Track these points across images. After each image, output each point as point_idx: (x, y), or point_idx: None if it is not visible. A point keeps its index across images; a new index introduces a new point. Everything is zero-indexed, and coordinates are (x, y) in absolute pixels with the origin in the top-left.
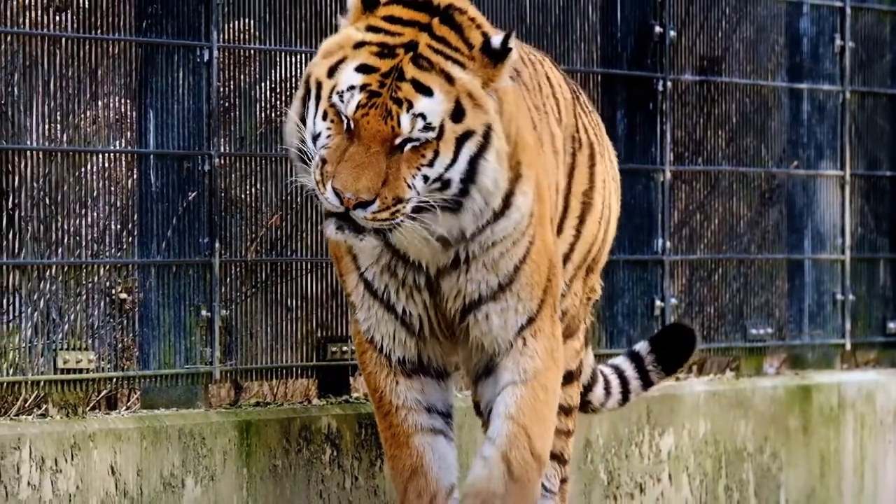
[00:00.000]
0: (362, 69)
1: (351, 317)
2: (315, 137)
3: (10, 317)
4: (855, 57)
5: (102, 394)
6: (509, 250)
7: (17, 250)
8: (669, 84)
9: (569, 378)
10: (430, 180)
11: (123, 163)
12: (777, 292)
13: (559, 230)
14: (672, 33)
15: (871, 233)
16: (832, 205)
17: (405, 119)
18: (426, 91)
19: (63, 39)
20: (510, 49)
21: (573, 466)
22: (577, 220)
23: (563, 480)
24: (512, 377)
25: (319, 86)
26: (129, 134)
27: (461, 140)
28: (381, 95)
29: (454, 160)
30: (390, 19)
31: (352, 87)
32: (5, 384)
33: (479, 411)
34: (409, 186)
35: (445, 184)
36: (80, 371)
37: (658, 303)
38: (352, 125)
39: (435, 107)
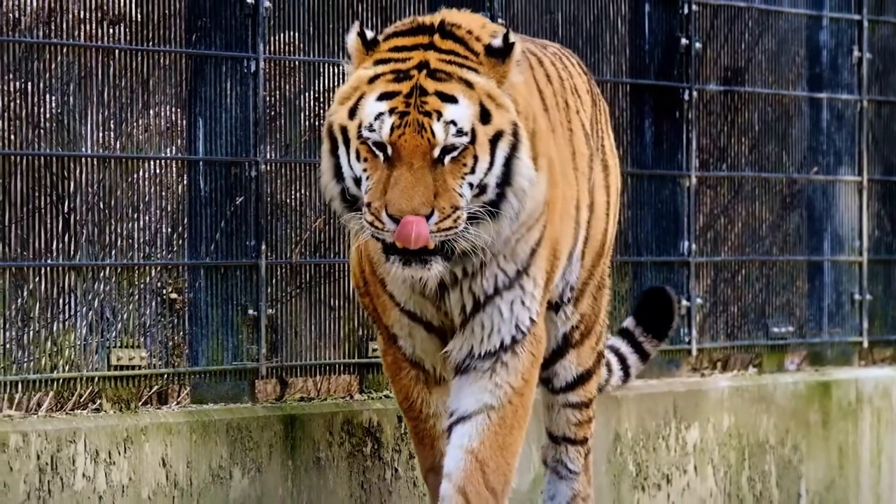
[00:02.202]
0: (384, 97)
1: (380, 341)
2: (356, 181)
3: (66, 316)
4: (872, 67)
5: (154, 389)
6: (524, 236)
7: (72, 252)
8: (695, 94)
9: (587, 376)
10: (473, 186)
11: (174, 169)
12: (798, 292)
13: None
14: (697, 45)
15: (887, 235)
16: (850, 209)
17: (438, 128)
18: (451, 99)
19: (116, 51)
20: (513, 44)
21: (603, 458)
22: (586, 224)
23: (586, 455)
24: (488, 400)
25: (345, 130)
26: (179, 141)
27: (494, 141)
28: (410, 113)
29: (492, 163)
30: (395, 49)
31: (380, 115)
32: (61, 380)
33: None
34: (460, 195)
35: (483, 189)
36: (133, 368)
37: (684, 302)
38: (389, 150)
39: (463, 112)
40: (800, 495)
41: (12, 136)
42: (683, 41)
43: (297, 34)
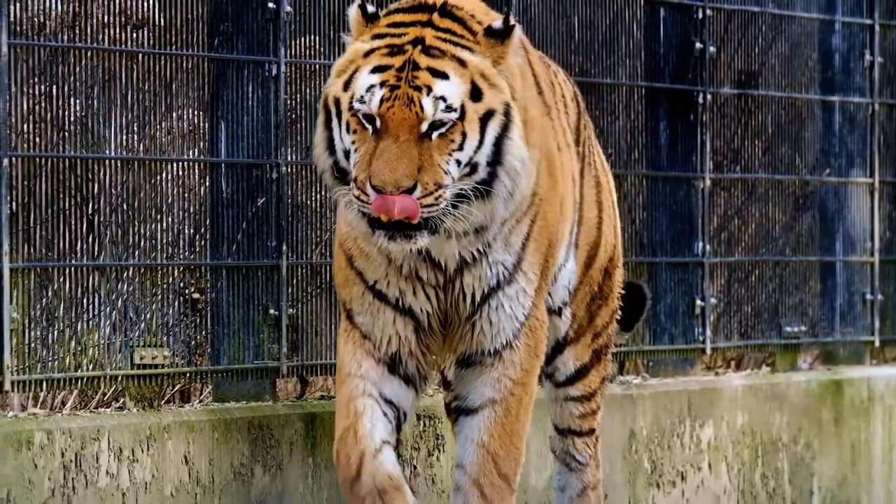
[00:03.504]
0: (377, 70)
1: (340, 317)
2: (346, 154)
3: (91, 315)
4: (883, 71)
5: (176, 388)
6: (514, 227)
7: (97, 253)
8: (709, 97)
9: (585, 371)
10: (461, 165)
11: (196, 171)
12: (810, 292)
13: (577, 245)
14: (711, 49)
15: None
16: (862, 210)
17: (427, 102)
18: (442, 75)
19: (140, 55)
20: (513, 26)
21: (618, 456)
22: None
23: (594, 443)
24: (491, 394)
25: (338, 102)
26: (201, 144)
27: (484, 120)
28: (401, 87)
29: (481, 141)
30: (393, 25)
31: (371, 87)
32: (86, 379)
33: (448, 411)
34: (445, 172)
35: (473, 168)
36: (156, 366)
37: (699, 302)
38: (377, 123)
39: (453, 88)
40: (812, 492)
41: (38, 139)
42: (698, 45)
43: (317, 38)
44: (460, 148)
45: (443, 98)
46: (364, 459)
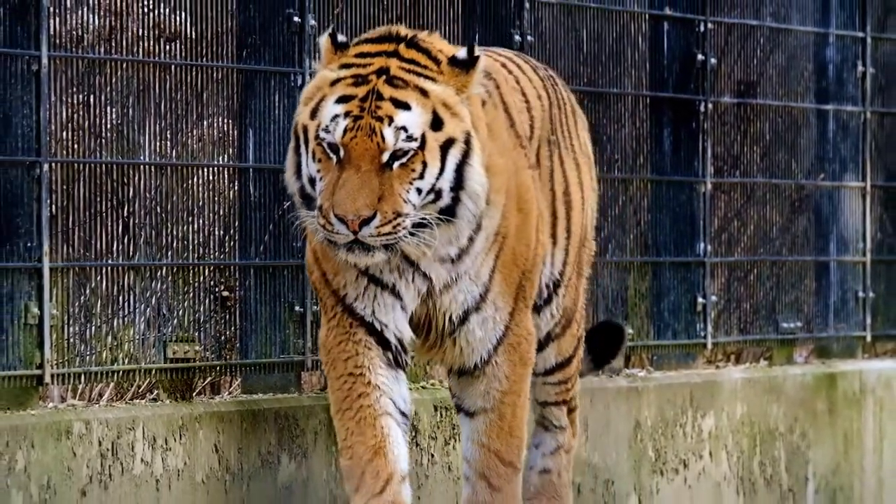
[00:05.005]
0: (342, 100)
1: (323, 315)
2: (311, 181)
3: (126, 312)
4: (875, 81)
5: (207, 380)
6: (483, 260)
7: (131, 253)
8: (710, 106)
9: (567, 362)
10: (423, 192)
11: (226, 176)
12: (806, 290)
13: (555, 239)
14: (713, 60)
15: (889, 237)
16: (854, 213)
17: (388, 132)
18: (404, 106)
19: (172, 66)
20: (478, 57)
21: (624, 445)
22: (565, 221)
23: (571, 411)
24: (483, 404)
25: (306, 130)
26: (230, 150)
27: (445, 148)
28: (364, 118)
29: (442, 169)
30: (361, 55)
31: (336, 117)
32: (121, 372)
33: (454, 395)
34: (405, 201)
35: (438, 194)
36: (188, 360)
37: (700, 300)
38: (341, 152)
39: (415, 119)
40: (807, 479)
41: (76, 146)
42: (699, 57)
43: None
44: (421, 176)
45: (404, 128)
46: (391, 482)
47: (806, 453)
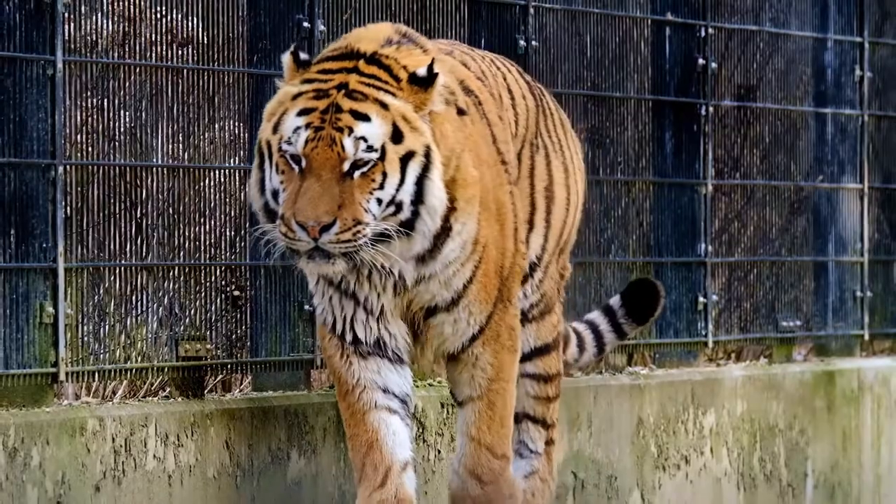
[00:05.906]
0: (303, 112)
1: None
2: (275, 194)
3: (139, 311)
4: (872, 85)
5: (218, 378)
6: (458, 270)
7: (144, 254)
8: (711, 109)
9: (546, 350)
10: (383, 203)
11: (237, 178)
12: (804, 290)
13: (531, 225)
14: (713, 65)
15: (886, 238)
16: (852, 214)
17: (348, 143)
18: (364, 117)
19: (184, 71)
20: (437, 74)
21: (627, 441)
22: (545, 212)
23: (549, 442)
24: (469, 392)
25: (269, 145)
26: (241, 153)
27: (405, 160)
28: (324, 128)
29: (402, 181)
30: (322, 71)
31: (297, 128)
32: (134, 370)
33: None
34: (366, 210)
35: (398, 206)
36: (199, 359)
37: (701, 299)
38: (303, 163)
39: (374, 130)
40: (806, 475)
41: (90, 148)
42: (700, 61)
43: None
44: (381, 187)
45: (364, 139)
46: (391, 473)
47: (805, 449)
